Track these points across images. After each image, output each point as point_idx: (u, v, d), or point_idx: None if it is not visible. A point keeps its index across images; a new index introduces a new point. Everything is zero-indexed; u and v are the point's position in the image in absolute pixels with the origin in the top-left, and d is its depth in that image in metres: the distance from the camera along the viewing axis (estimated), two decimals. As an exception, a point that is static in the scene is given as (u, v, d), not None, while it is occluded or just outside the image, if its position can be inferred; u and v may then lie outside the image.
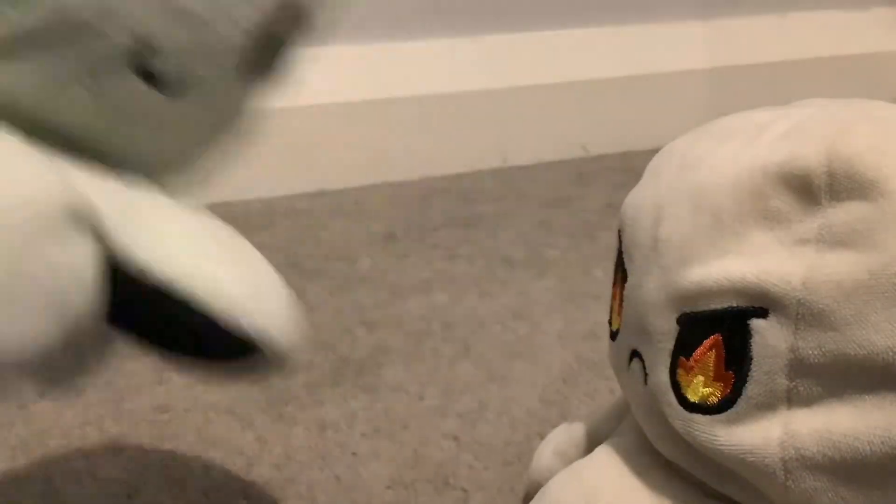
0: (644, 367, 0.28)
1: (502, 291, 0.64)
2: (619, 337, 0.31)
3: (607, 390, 0.52)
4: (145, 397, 0.51)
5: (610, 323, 0.32)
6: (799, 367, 0.24)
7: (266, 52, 0.25)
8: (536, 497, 0.33)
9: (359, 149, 0.86)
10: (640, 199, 0.30)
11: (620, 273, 0.31)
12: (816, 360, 0.23)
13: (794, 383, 0.24)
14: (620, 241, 0.31)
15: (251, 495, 0.44)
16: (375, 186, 0.86)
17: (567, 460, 0.36)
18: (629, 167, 0.89)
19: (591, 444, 0.36)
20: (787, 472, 0.24)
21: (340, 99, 0.85)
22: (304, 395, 0.52)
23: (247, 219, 0.78)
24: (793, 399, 0.24)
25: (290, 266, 0.69)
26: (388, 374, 0.54)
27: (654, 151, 0.33)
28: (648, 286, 0.28)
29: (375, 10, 0.86)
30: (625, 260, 0.30)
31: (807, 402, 0.24)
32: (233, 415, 0.50)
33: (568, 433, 0.39)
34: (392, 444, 0.47)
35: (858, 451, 0.23)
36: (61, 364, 0.25)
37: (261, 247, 0.81)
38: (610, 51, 0.95)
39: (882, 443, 0.22)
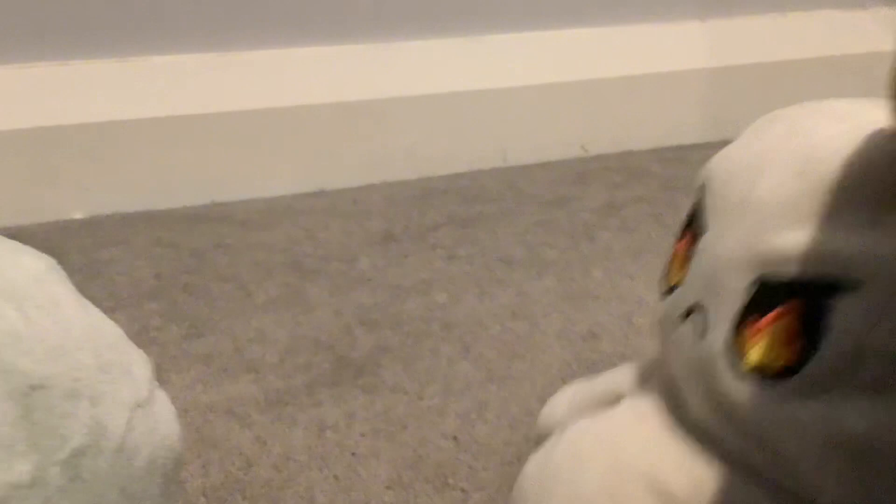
0: (705, 323, 0.28)
1: (501, 291, 0.64)
2: (679, 291, 0.30)
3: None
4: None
5: (665, 279, 0.32)
6: (871, 354, 0.23)
7: None
8: (555, 440, 0.32)
9: (358, 149, 0.86)
10: (738, 156, 0.29)
11: (690, 231, 0.30)
12: (890, 350, 0.23)
13: (861, 368, 0.23)
14: (700, 197, 0.30)
15: (250, 495, 0.44)
16: (374, 186, 0.86)
17: (580, 412, 0.35)
18: (628, 167, 0.89)
19: (608, 401, 0.35)
20: (828, 454, 0.23)
21: (340, 99, 0.85)
22: (303, 395, 0.52)
23: (247, 219, 0.78)
24: (855, 382, 0.23)
25: (290, 266, 0.69)
26: (388, 374, 0.54)
27: (654, 151, 0.33)
28: (730, 243, 0.27)
29: (375, 10, 0.86)
30: (707, 215, 0.29)
31: (869, 389, 0.23)
32: (232, 415, 0.50)
33: (589, 389, 0.38)
34: (391, 444, 0.47)
35: None
36: None
37: (261, 247, 0.82)
38: (610, 51, 0.95)
39: None
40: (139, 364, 0.24)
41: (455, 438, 0.48)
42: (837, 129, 0.26)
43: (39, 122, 0.76)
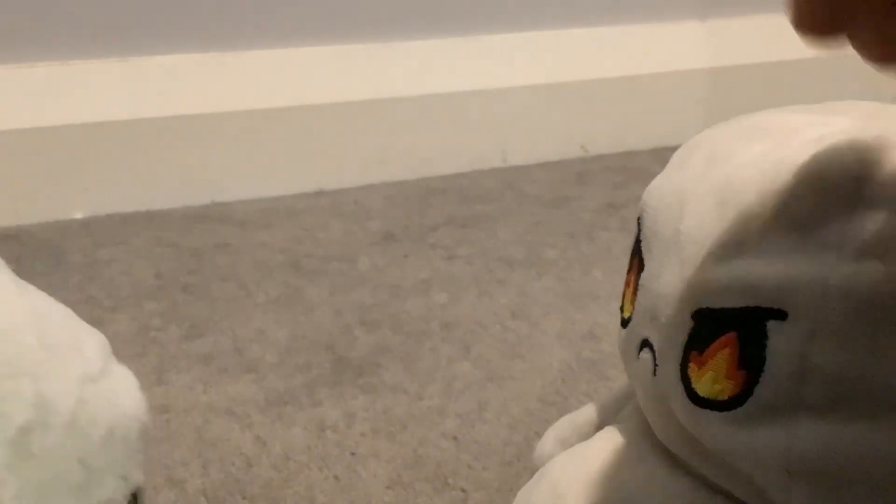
0: (654, 358, 0.28)
1: (501, 291, 0.64)
2: (631, 325, 0.30)
3: (607, 390, 0.51)
4: (145, 397, 0.51)
5: (622, 310, 0.32)
6: (812, 374, 0.23)
7: None
8: (536, 476, 0.33)
9: (358, 149, 0.86)
10: (664, 189, 0.29)
11: (637, 260, 0.30)
12: (830, 370, 0.23)
13: (805, 389, 0.23)
14: (639, 229, 0.31)
15: (250, 495, 0.44)
16: (374, 186, 0.86)
17: (568, 446, 0.36)
18: (628, 167, 0.89)
19: (594, 432, 0.35)
20: (790, 476, 0.24)
21: (340, 99, 0.85)
22: (303, 395, 0.52)
23: (247, 219, 0.78)
24: (803, 405, 0.24)
25: (290, 266, 0.69)
26: (387, 374, 0.54)
27: (654, 151, 0.33)
28: (666, 278, 0.27)
29: (375, 10, 0.86)
30: (643, 248, 0.30)
31: (816, 409, 0.23)
32: (232, 415, 0.50)
33: (571, 421, 0.39)
34: (391, 444, 0.47)
35: (862, 464, 0.23)
36: None
37: (261, 246, 0.82)
38: (609, 51, 0.95)
39: (886, 458, 0.22)
40: (90, 341, 0.25)
41: (455, 438, 0.48)
42: (755, 151, 0.26)
43: (39, 122, 0.76)
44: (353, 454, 0.47)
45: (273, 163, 0.84)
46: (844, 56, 0.23)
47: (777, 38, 1.03)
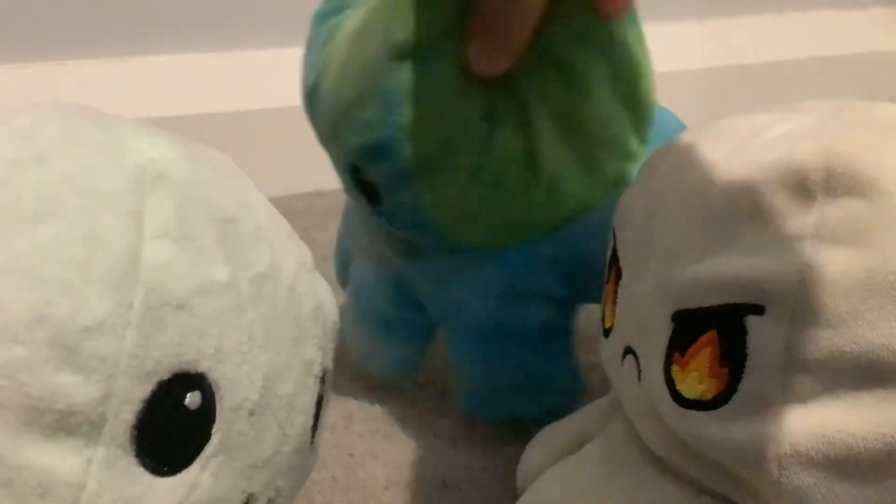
0: (638, 364, 0.28)
1: (500, 292, 0.64)
2: (613, 334, 0.31)
3: (605, 391, 0.51)
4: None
5: (603, 320, 0.32)
6: (795, 364, 0.24)
7: None
8: (524, 496, 0.33)
9: (357, 149, 0.87)
10: (636, 197, 0.30)
11: (615, 270, 0.31)
12: (812, 357, 0.23)
13: (789, 380, 0.24)
14: (615, 238, 0.31)
15: (248, 496, 0.44)
16: (374, 186, 0.86)
17: (555, 460, 0.36)
18: (628, 167, 0.89)
19: (579, 444, 0.36)
20: (781, 469, 0.24)
21: (339, 99, 0.85)
22: (301, 396, 0.52)
23: (245, 219, 0.78)
24: (788, 395, 0.24)
25: (288, 266, 0.68)
26: (386, 374, 0.54)
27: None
28: (643, 283, 0.28)
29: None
30: (619, 257, 0.30)
31: (802, 398, 0.24)
32: (230, 415, 0.50)
33: (555, 433, 0.39)
34: (389, 444, 0.47)
35: (853, 448, 0.23)
36: None
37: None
38: (608, 51, 0.95)
39: (876, 439, 0.23)
40: (301, 245, 0.30)
41: (453, 439, 0.48)
42: (722, 151, 0.27)
43: (38, 122, 0.76)
44: (350, 455, 0.47)
45: (271, 163, 0.84)
46: (844, 56, 0.23)
47: (776, 38, 1.03)
